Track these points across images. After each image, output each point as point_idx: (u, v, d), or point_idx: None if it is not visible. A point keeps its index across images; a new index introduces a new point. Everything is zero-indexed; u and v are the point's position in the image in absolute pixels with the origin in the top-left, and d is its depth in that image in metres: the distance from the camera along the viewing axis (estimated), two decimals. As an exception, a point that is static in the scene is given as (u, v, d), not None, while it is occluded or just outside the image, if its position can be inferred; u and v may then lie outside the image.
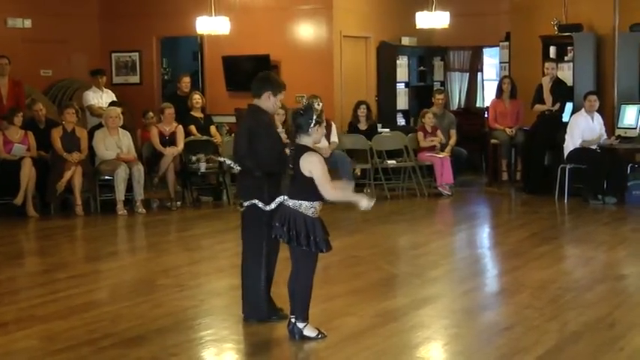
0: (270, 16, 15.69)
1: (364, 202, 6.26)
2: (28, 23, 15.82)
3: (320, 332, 6.36)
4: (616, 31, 13.69)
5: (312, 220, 6.22)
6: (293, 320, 6.34)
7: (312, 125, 6.21)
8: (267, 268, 6.78)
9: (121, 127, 13.00)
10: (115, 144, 12.78)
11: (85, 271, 9.08)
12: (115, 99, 14.45)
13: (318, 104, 6.33)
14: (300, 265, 6.32)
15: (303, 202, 6.22)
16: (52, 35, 16.03)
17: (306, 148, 6.22)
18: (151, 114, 13.93)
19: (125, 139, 12.92)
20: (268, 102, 6.80)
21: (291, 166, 6.25)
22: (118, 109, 13.20)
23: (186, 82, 14.91)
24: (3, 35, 15.29)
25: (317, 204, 6.26)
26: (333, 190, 6.23)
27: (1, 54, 13.45)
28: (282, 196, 6.37)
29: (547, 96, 13.63)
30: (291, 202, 6.26)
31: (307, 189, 6.21)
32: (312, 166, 6.16)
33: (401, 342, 6.40)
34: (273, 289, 6.87)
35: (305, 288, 6.32)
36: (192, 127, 13.83)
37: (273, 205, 6.48)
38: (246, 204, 6.74)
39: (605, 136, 12.96)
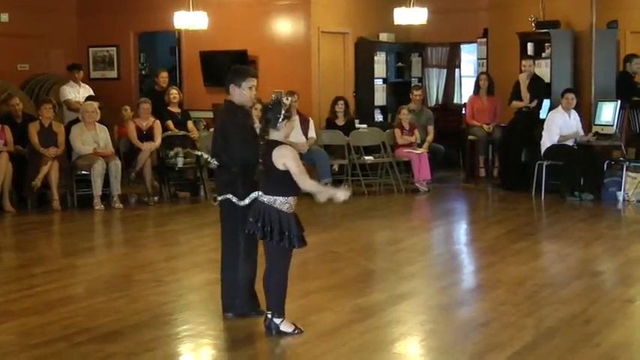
0: (248, 11, 15.67)
1: (340, 194, 6.21)
2: (5, 17, 15.73)
3: (297, 328, 6.37)
4: (593, 28, 13.72)
5: (286, 215, 6.22)
6: (269, 316, 6.34)
7: (280, 120, 6.19)
8: (247, 263, 6.75)
9: (98, 122, 12.95)
10: (92, 139, 12.73)
11: (62, 266, 9.04)
12: (92, 94, 14.40)
13: (287, 99, 6.30)
14: (274, 260, 6.32)
15: (277, 197, 6.21)
16: (30, 30, 15.95)
17: (276, 143, 6.20)
18: (127, 108, 13.86)
19: (102, 134, 12.87)
20: (235, 94, 6.79)
21: (260, 160, 6.24)
22: (95, 104, 13.14)
23: (163, 77, 14.88)
24: (-21, 29, 15.24)
25: (292, 199, 6.25)
26: (309, 181, 6.23)
27: None
28: (256, 192, 6.36)
29: (524, 93, 13.68)
30: (265, 198, 6.25)
31: (281, 184, 6.20)
32: (285, 159, 6.15)
33: (378, 338, 6.41)
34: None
35: (279, 284, 6.31)
36: (170, 122, 13.80)
37: (247, 201, 6.47)
38: (219, 199, 6.74)
39: (581, 133, 13.01)
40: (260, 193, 6.30)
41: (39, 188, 12.42)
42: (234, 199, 6.58)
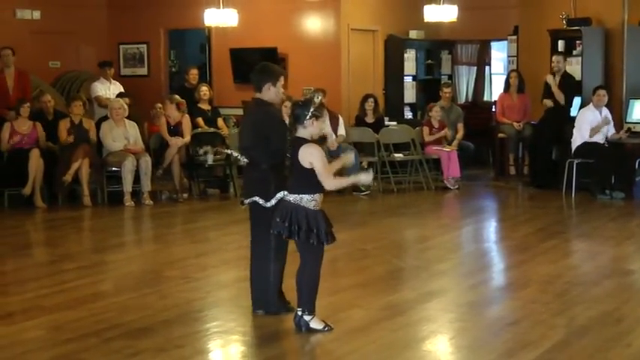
0: (278, 8, 15.68)
1: (363, 178, 6.34)
2: (37, 15, 15.84)
3: (326, 325, 6.36)
4: (625, 25, 13.65)
5: (313, 212, 6.21)
6: (300, 313, 6.34)
7: (307, 117, 6.18)
8: (277, 261, 6.76)
9: (128, 118, 13.01)
10: (121, 135, 12.79)
11: (92, 262, 9.09)
12: (122, 90, 14.47)
13: (318, 97, 6.29)
14: (306, 258, 6.32)
15: (303, 195, 6.21)
16: (61, 27, 16.05)
17: (303, 140, 6.20)
18: (159, 105, 13.89)
19: (132, 130, 12.92)
20: (270, 93, 6.79)
21: (288, 155, 6.24)
22: (122, 100, 13.23)
23: (193, 74, 14.94)
24: (12, 26, 15.33)
25: (317, 196, 6.25)
26: (333, 181, 6.22)
27: (6, 45, 13.43)
28: (282, 192, 6.36)
29: (558, 93, 13.49)
30: (291, 197, 6.24)
31: (307, 182, 6.20)
32: (311, 157, 6.15)
33: (407, 335, 6.40)
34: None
35: (311, 281, 6.32)
36: (200, 120, 13.82)
37: (273, 202, 6.47)
38: (247, 201, 6.73)
39: (613, 131, 12.92)
40: (285, 192, 6.31)
41: (69, 184, 12.48)
42: (261, 201, 6.57)
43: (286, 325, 6.53)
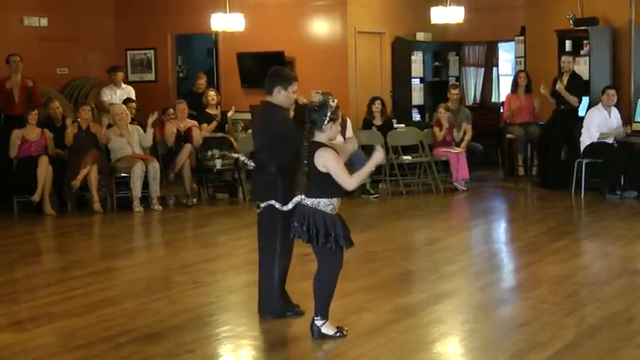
0: (285, 12, 15.69)
1: (377, 156, 6.19)
2: (44, 22, 15.86)
3: (339, 330, 6.31)
4: (632, 25, 13.61)
5: (331, 217, 6.18)
6: (313, 317, 6.33)
7: (325, 122, 6.16)
8: (281, 265, 6.78)
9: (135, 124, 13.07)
10: (125, 140, 12.81)
11: (102, 269, 9.10)
12: (132, 96, 14.49)
13: (333, 101, 6.28)
14: (323, 262, 6.28)
15: (321, 199, 6.18)
16: (68, 33, 16.09)
17: (319, 144, 6.18)
18: (170, 110, 13.90)
19: (136, 135, 12.94)
20: (280, 96, 6.78)
21: (305, 162, 6.23)
22: (123, 106, 13.29)
23: (201, 83, 15.02)
24: (20, 33, 15.36)
25: (335, 201, 6.22)
26: (351, 180, 6.17)
27: (13, 52, 13.48)
28: (299, 196, 6.34)
29: (569, 97, 13.45)
30: (309, 201, 6.22)
31: (324, 186, 6.17)
32: (325, 160, 6.12)
33: (417, 337, 6.39)
34: (288, 286, 6.87)
35: (326, 286, 6.27)
36: (205, 125, 13.85)
37: (290, 206, 6.44)
38: (263, 205, 6.71)
39: (621, 130, 12.86)
40: (302, 196, 6.29)
41: (78, 189, 12.48)
42: (277, 205, 6.54)
43: (296, 329, 6.53)
